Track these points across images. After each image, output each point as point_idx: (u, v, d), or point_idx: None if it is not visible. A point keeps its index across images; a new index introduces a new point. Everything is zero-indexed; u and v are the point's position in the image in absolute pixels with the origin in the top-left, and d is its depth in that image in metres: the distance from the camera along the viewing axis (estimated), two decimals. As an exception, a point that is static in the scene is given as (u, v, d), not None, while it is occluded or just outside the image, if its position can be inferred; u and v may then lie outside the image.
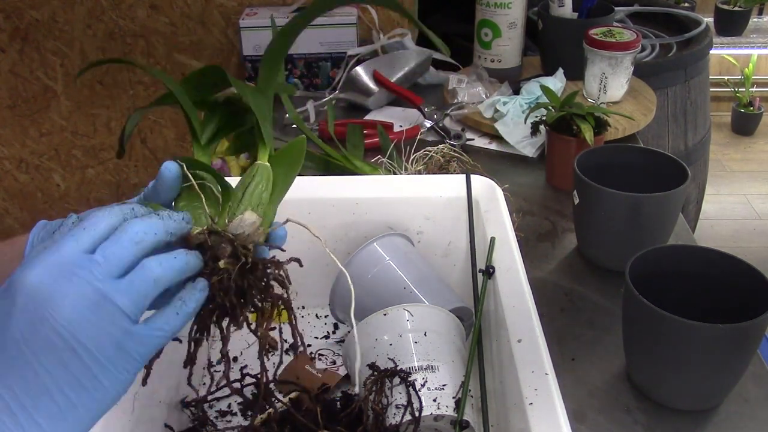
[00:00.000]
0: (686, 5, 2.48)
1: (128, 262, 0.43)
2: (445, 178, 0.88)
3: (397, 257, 0.81)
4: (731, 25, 2.89)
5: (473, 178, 0.86)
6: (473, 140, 1.27)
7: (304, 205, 0.82)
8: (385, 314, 0.72)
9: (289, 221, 0.53)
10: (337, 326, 0.88)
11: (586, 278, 0.94)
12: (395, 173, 1.06)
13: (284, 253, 0.53)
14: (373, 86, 1.41)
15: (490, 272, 0.75)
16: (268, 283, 0.49)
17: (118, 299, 0.41)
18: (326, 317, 0.89)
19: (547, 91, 1.16)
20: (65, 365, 0.40)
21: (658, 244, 0.81)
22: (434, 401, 0.65)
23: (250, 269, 0.48)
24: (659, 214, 0.88)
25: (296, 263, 0.51)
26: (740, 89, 3.30)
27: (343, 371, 0.79)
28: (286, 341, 0.52)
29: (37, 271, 0.41)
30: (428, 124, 1.29)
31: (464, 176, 0.86)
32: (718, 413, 0.74)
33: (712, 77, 1.96)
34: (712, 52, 1.76)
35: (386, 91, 1.40)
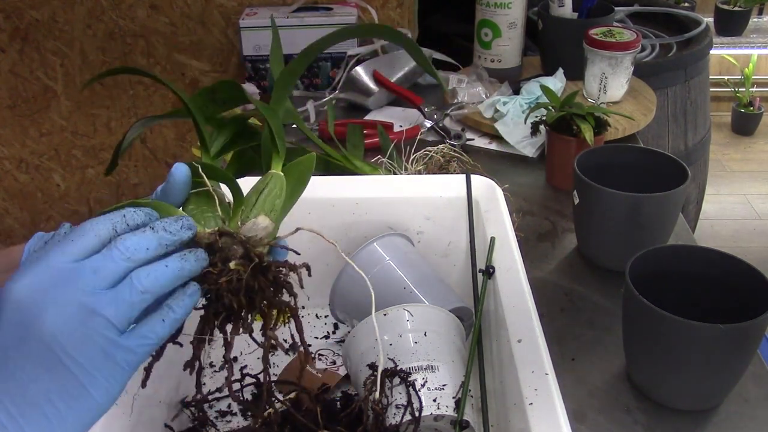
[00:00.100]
0: (686, 5, 2.49)
1: (118, 275, 0.42)
2: (445, 178, 0.88)
3: (397, 257, 0.81)
4: (731, 25, 2.89)
5: (473, 178, 0.86)
6: (473, 140, 1.27)
7: (304, 205, 0.81)
8: (385, 314, 0.72)
9: (300, 230, 0.52)
10: (337, 326, 0.88)
11: (586, 278, 0.94)
12: (395, 173, 1.06)
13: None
14: (373, 86, 1.41)
15: (490, 272, 0.75)
16: (278, 285, 0.49)
17: (105, 310, 0.41)
18: (326, 317, 0.89)
19: (547, 91, 1.16)
20: (53, 376, 0.40)
21: (658, 244, 0.81)
22: (434, 401, 0.65)
23: (262, 271, 0.48)
24: (659, 214, 0.88)
25: (301, 265, 0.51)
26: (740, 89, 3.30)
27: (343, 371, 0.79)
28: (286, 341, 0.52)
29: (24, 281, 0.41)
30: (428, 124, 1.29)
31: (464, 176, 0.86)
32: (718, 413, 0.74)
33: (712, 77, 1.96)
34: (712, 52, 1.76)
35: (386, 91, 1.40)
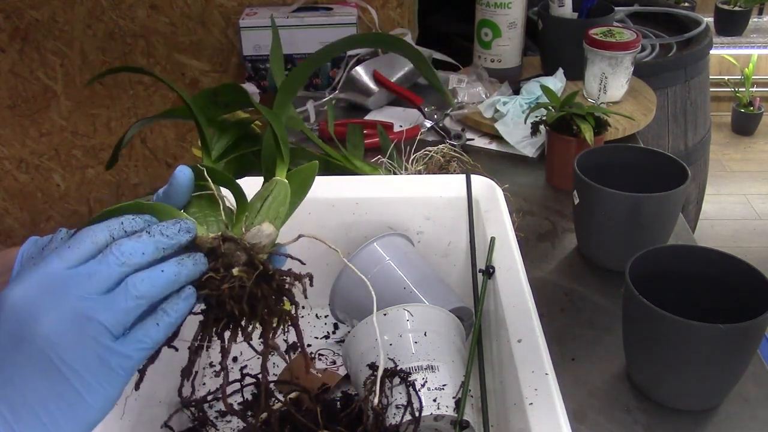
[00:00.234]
0: (686, 5, 2.48)
1: (113, 280, 0.42)
2: (445, 178, 0.88)
3: (397, 257, 0.81)
4: (731, 25, 2.89)
5: (473, 178, 0.86)
6: (473, 140, 1.27)
7: (304, 205, 0.81)
8: (385, 314, 0.72)
9: (302, 236, 0.52)
10: (337, 326, 0.88)
11: (586, 278, 0.94)
12: (395, 173, 1.06)
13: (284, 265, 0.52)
14: (373, 86, 1.41)
15: (490, 272, 0.75)
16: (281, 294, 0.49)
17: (100, 316, 0.41)
18: (326, 317, 0.89)
19: (547, 91, 1.16)
20: (48, 382, 0.40)
21: (658, 244, 0.81)
22: (434, 401, 0.65)
23: (266, 279, 0.47)
24: (659, 214, 0.88)
25: (305, 275, 0.51)
26: (740, 89, 3.30)
27: (343, 371, 0.79)
28: (286, 341, 0.52)
29: (20, 287, 0.41)
30: (428, 124, 1.29)
31: (464, 176, 0.86)
32: (718, 413, 0.74)
33: (712, 77, 1.96)
34: (712, 52, 1.76)
35: (386, 91, 1.40)
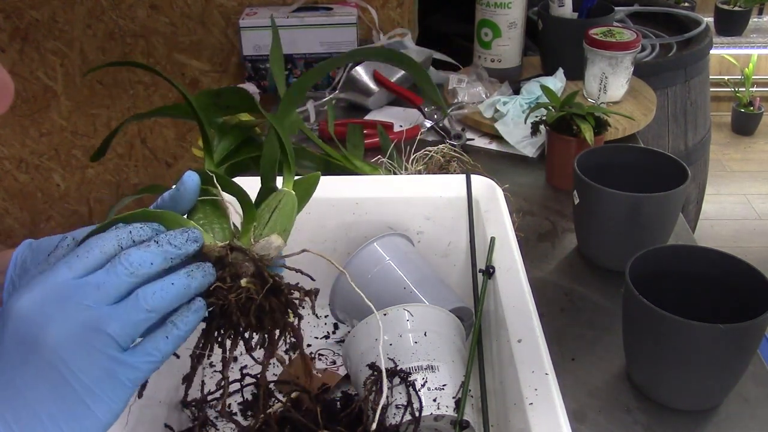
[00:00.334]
0: (686, 5, 2.49)
1: (122, 291, 0.42)
2: (445, 178, 0.88)
3: (397, 257, 0.81)
4: (731, 25, 2.89)
5: (473, 178, 0.86)
6: (473, 140, 1.27)
7: (304, 205, 0.82)
8: (385, 314, 0.72)
9: (305, 251, 0.52)
10: (337, 326, 0.88)
11: (586, 278, 0.94)
12: (395, 173, 1.06)
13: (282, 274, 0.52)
14: (373, 86, 1.40)
15: (490, 272, 0.75)
16: (288, 307, 0.48)
17: (108, 327, 0.41)
18: (326, 317, 0.89)
19: (547, 91, 1.16)
20: (56, 393, 0.40)
21: (658, 244, 0.81)
22: (434, 401, 0.65)
23: (275, 292, 0.47)
24: (659, 214, 0.88)
25: (314, 291, 0.51)
26: (740, 89, 3.30)
27: (343, 371, 0.79)
28: (286, 342, 0.52)
29: (28, 297, 0.41)
30: (428, 124, 1.29)
31: (464, 176, 0.86)
32: (718, 413, 0.74)
33: (712, 77, 1.96)
34: (712, 52, 1.76)
35: (386, 91, 1.40)
